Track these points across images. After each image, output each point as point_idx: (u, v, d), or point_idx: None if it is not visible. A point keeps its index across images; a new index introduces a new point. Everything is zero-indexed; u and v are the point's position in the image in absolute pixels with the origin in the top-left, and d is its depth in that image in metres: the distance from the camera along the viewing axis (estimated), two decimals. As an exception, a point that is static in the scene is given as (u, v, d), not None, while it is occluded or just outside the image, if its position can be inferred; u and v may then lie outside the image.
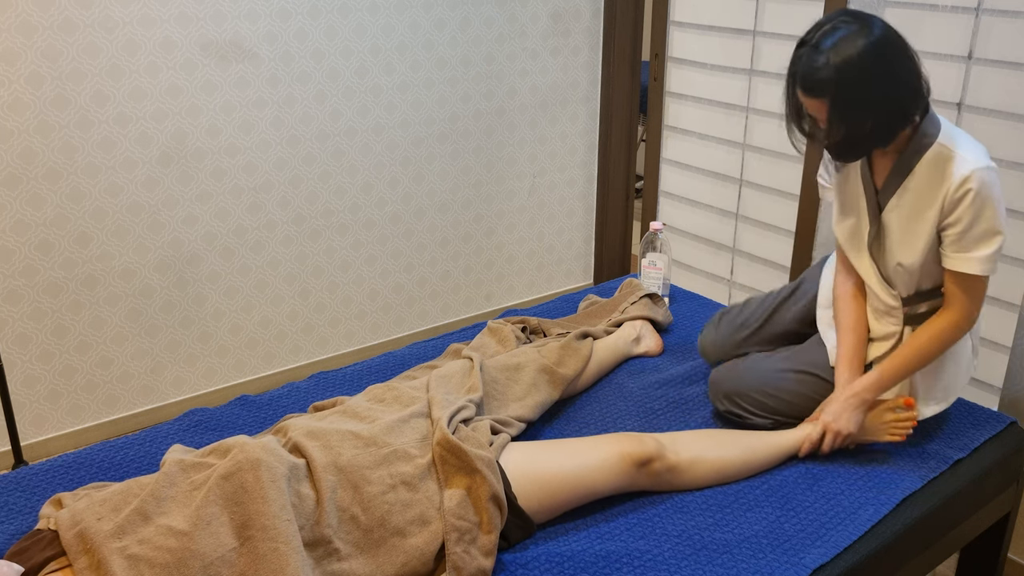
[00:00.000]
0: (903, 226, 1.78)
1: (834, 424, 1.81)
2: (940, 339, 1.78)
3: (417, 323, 3.46)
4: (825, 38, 1.60)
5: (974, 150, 1.70)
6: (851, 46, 1.58)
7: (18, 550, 1.47)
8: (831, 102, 1.61)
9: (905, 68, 1.63)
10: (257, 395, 2.12)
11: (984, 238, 1.69)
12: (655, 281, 2.56)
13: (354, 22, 2.95)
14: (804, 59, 1.62)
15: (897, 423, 1.82)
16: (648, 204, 3.45)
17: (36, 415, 2.73)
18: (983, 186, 1.65)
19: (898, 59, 1.61)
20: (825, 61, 1.59)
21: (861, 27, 1.60)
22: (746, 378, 1.95)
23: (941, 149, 1.71)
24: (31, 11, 2.42)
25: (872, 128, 1.64)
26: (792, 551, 1.60)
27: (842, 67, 1.58)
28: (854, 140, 1.66)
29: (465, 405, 1.77)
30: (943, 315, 1.78)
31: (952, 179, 1.68)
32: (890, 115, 1.64)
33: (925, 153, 1.72)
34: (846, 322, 1.91)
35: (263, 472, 1.48)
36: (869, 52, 1.58)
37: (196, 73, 2.71)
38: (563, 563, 1.57)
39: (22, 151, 2.50)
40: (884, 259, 1.85)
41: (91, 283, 2.71)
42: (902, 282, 1.84)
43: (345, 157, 3.07)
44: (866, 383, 1.82)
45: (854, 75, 1.58)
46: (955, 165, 1.68)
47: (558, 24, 3.45)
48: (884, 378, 1.81)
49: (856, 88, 1.59)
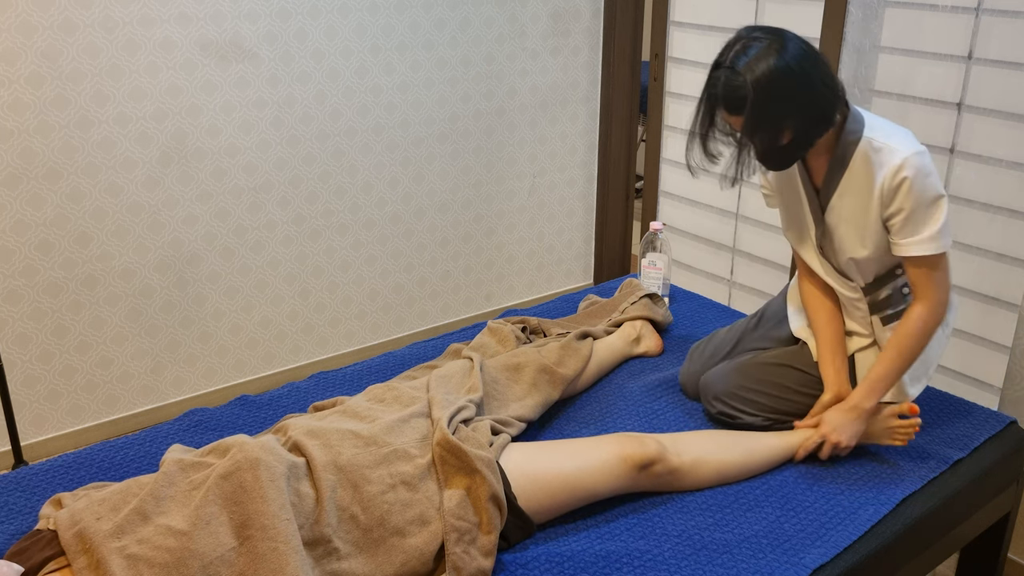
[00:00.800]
0: (848, 222, 1.82)
1: (834, 436, 1.83)
2: (917, 333, 1.80)
3: (417, 323, 3.46)
4: (738, 57, 1.65)
5: (901, 137, 1.74)
6: (764, 63, 1.62)
7: (18, 550, 1.47)
8: (751, 117, 1.65)
9: (818, 74, 1.67)
10: (257, 395, 2.12)
11: (929, 216, 1.72)
12: (655, 281, 2.56)
13: (354, 22, 2.95)
14: (722, 80, 1.66)
15: (901, 428, 1.83)
16: (648, 204, 3.45)
17: (36, 415, 2.73)
18: (917, 172, 1.70)
19: (810, 68, 1.66)
20: (741, 80, 1.63)
21: (770, 42, 1.64)
22: (736, 378, 1.97)
23: (869, 142, 1.76)
24: (31, 11, 2.42)
25: (793, 136, 1.69)
26: (792, 551, 1.60)
27: (757, 84, 1.62)
28: (779, 149, 1.71)
29: (465, 405, 1.77)
30: (914, 308, 1.81)
31: (885, 169, 1.72)
32: (809, 121, 1.69)
33: (855, 148, 1.77)
34: (819, 320, 1.96)
35: (262, 471, 1.48)
36: (781, 66, 1.62)
37: (196, 73, 2.71)
38: (563, 563, 1.57)
39: (22, 151, 2.50)
40: (835, 256, 1.90)
41: (91, 283, 2.71)
42: (858, 273, 1.88)
43: (345, 157, 3.07)
44: (862, 394, 1.84)
45: (769, 91, 1.63)
46: (885, 155, 1.73)
47: (558, 24, 3.45)
48: (876, 385, 1.83)
49: (773, 103, 1.64)
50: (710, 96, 1.69)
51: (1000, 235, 2.33)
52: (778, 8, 2.80)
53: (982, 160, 2.34)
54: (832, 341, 1.93)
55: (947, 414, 2.04)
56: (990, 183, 2.33)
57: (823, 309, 1.96)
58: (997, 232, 2.33)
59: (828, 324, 1.95)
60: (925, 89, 2.44)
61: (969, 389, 2.46)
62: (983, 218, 2.36)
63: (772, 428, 1.94)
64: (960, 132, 2.38)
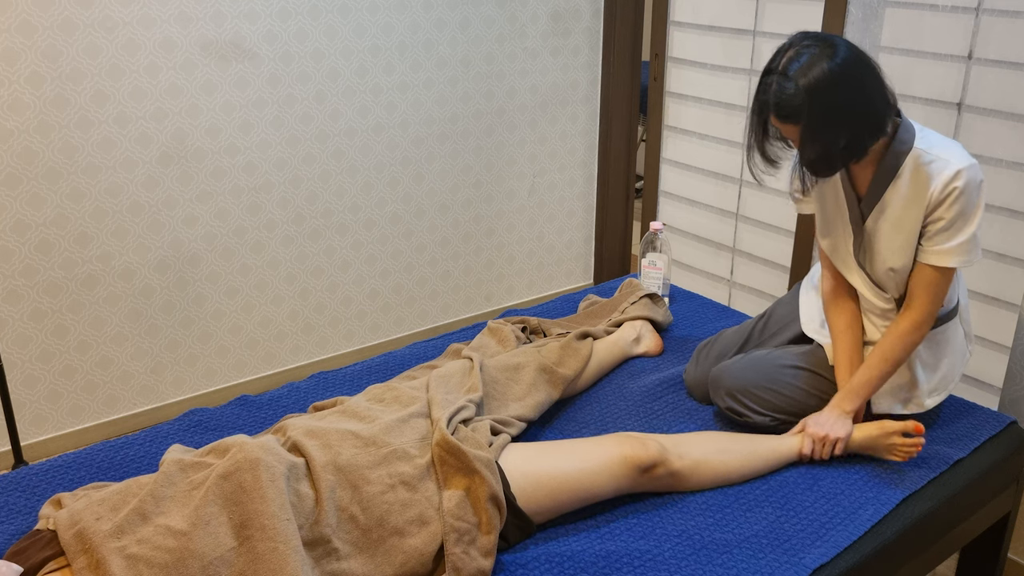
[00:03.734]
0: (889, 232, 1.82)
1: (820, 431, 1.83)
2: (903, 342, 1.81)
3: (417, 323, 3.46)
4: (791, 63, 1.64)
5: (954, 150, 1.74)
6: (817, 69, 1.61)
7: (17, 550, 1.47)
8: (805, 125, 1.65)
9: (871, 82, 1.66)
10: (257, 395, 2.12)
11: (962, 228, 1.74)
12: (655, 281, 2.56)
13: (354, 22, 2.95)
14: (774, 87, 1.66)
15: (904, 447, 1.83)
16: (648, 204, 3.45)
17: (36, 415, 2.73)
18: (969, 183, 1.70)
19: (864, 74, 1.65)
20: (795, 86, 1.62)
21: (823, 49, 1.64)
22: (749, 375, 1.96)
23: (921, 154, 1.75)
24: (31, 11, 2.42)
25: (846, 144, 1.67)
26: (792, 551, 1.60)
27: (812, 90, 1.61)
28: (829, 157, 1.70)
29: (465, 405, 1.77)
30: (903, 316, 1.81)
31: (936, 181, 1.72)
32: (862, 129, 1.68)
33: (905, 159, 1.76)
34: (838, 325, 1.94)
35: (262, 471, 1.47)
36: (836, 73, 1.62)
37: (196, 73, 2.71)
38: (563, 563, 1.57)
39: (22, 151, 2.50)
40: (872, 265, 1.88)
41: (91, 283, 2.71)
42: (893, 284, 1.87)
43: (345, 157, 3.07)
44: (842, 396, 1.85)
45: (824, 97, 1.62)
46: (937, 167, 1.72)
47: (558, 24, 3.45)
48: (858, 390, 1.84)
49: (828, 109, 1.63)
50: (761, 103, 1.69)
51: (1000, 235, 2.33)
52: (778, 8, 2.80)
53: (982, 160, 2.34)
54: (851, 347, 1.91)
55: (947, 414, 2.04)
56: (990, 183, 2.33)
57: (845, 314, 1.94)
58: (997, 232, 2.33)
59: (848, 329, 1.93)
60: (925, 89, 2.44)
61: (969, 389, 2.46)
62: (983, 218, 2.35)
63: (778, 430, 1.94)
64: (960, 132, 2.38)
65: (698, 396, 2.10)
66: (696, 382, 2.10)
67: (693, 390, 2.11)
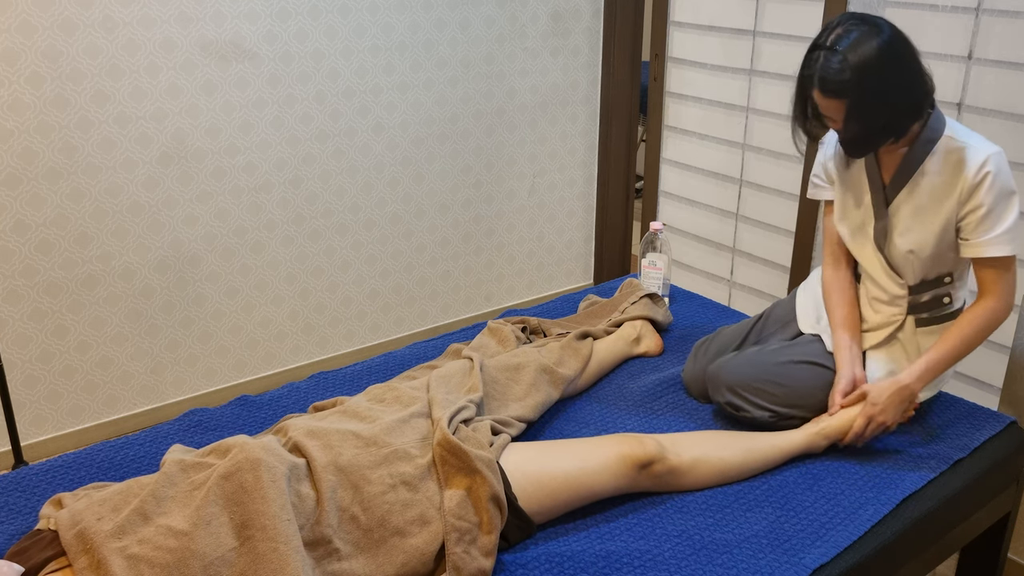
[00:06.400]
0: (914, 217, 1.84)
1: (881, 416, 1.82)
2: (981, 326, 1.82)
3: (417, 323, 3.46)
4: (840, 40, 1.67)
5: (979, 138, 1.79)
6: (866, 47, 1.65)
7: (18, 550, 1.47)
8: (850, 101, 1.68)
9: (915, 65, 1.71)
10: (257, 395, 2.12)
11: (1004, 212, 1.76)
12: (655, 281, 2.56)
13: (354, 22, 2.95)
14: (821, 61, 1.69)
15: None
16: (648, 204, 3.45)
17: (36, 415, 2.73)
18: (999, 168, 1.74)
19: (908, 57, 1.69)
20: (843, 62, 1.65)
21: (871, 28, 1.67)
22: (747, 369, 1.96)
23: (951, 142, 1.79)
24: (31, 11, 2.42)
25: (886, 123, 1.71)
26: (792, 551, 1.60)
27: (860, 67, 1.65)
28: (868, 136, 1.73)
29: (465, 405, 1.77)
30: (981, 302, 1.83)
31: (968, 167, 1.75)
32: (904, 110, 1.72)
33: (935, 146, 1.80)
34: (840, 307, 1.98)
35: (263, 472, 1.48)
36: (884, 51, 1.66)
37: (196, 73, 2.71)
38: (563, 563, 1.57)
39: (22, 151, 2.50)
40: (891, 250, 1.90)
41: (91, 283, 2.71)
42: (911, 270, 1.89)
43: (345, 157, 3.07)
44: (915, 374, 1.83)
45: (872, 74, 1.65)
46: (969, 154, 1.76)
47: (558, 24, 3.45)
48: (931, 367, 1.84)
49: (874, 87, 1.66)
50: (805, 77, 1.71)
51: (1000, 235, 2.33)
52: (778, 8, 2.80)
53: (982, 160, 2.34)
54: (850, 327, 1.95)
55: (947, 414, 2.04)
56: (990, 183, 2.33)
57: (845, 296, 1.98)
58: (997, 232, 2.33)
59: (849, 313, 1.97)
60: (925, 89, 2.44)
61: (969, 389, 2.46)
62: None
63: (777, 426, 1.94)
64: (960, 132, 2.38)
65: (696, 392, 2.10)
66: (694, 378, 2.11)
67: (691, 386, 2.12)
